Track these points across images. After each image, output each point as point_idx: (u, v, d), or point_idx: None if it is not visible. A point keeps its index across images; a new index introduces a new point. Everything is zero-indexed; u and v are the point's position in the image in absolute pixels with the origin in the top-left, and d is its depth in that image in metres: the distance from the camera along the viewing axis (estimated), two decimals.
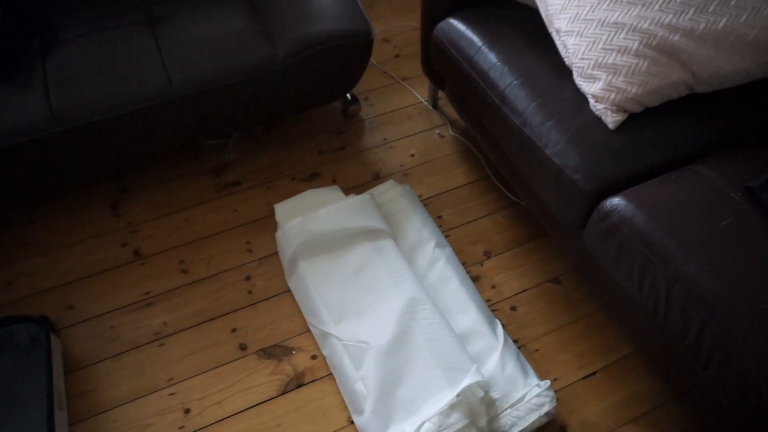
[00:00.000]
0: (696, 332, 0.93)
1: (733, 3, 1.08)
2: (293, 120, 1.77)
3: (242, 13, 1.45)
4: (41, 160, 1.31)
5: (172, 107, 1.34)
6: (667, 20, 1.09)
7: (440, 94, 1.80)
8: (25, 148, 1.25)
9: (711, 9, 1.08)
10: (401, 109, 1.82)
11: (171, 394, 1.25)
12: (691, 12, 1.08)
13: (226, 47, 1.38)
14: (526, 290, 1.42)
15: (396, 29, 2.05)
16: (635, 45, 1.10)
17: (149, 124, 1.36)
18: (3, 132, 1.22)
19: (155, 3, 1.47)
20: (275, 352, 1.31)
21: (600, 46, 1.12)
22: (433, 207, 1.57)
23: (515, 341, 1.32)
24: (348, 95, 1.76)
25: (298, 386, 1.26)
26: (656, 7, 1.10)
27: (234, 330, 1.34)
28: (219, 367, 1.29)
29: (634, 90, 1.10)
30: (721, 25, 1.07)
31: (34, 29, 1.38)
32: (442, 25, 1.42)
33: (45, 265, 1.45)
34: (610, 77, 1.11)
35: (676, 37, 1.08)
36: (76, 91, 1.29)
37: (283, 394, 1.25)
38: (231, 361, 1.29)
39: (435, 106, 1.82)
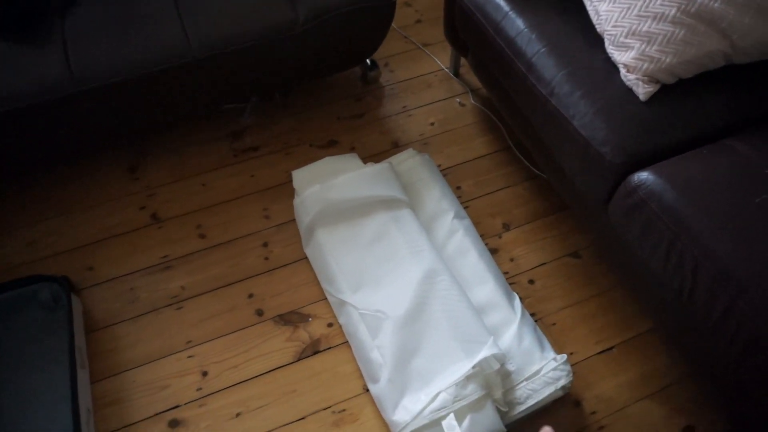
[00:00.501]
0: (723, 311, 0.91)
1: None
2: (312, 85, 1.73)
3: None
4: (60, 121, 1.30)
5: (191, 69, 1.32)
6: None
7: (462, 61, 1.76)
8: (44, 108, 1.24)
9: None
10: (422, 76, 1.77)
11: (189, 357, 1.26)
12: None
13: (245, 9, 1.34)
14: (544, 264, 1.40)
15: None
16: (672, 11, 1.05)
17: (167, 86, 1.34)
18: (22, 92, 1.21)
19: None
20: (292, 318, 1.31)
21: (635, 12, 1.07)
22: (452, 177, 1.55)
23: (532, 315, 1.31)
24: (368, 61, 1.72)
25: (314, 353, 1.27)
26: None
27: (251, 296, 1.35)
28: (236, 331, 1.30)
29: (668, 60, 1.05)
30: None
31: None
32: None
33: (65, 226, 1.46)
34: (643, 46, 1.07)
35: (716, 4, 1.03)
36: (94, 52, 1.27)
37: (298, 360, 1.26)
38: (248, 327, 1.30)
39: (456, 73, 1.77)
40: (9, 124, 1.24)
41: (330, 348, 1.28)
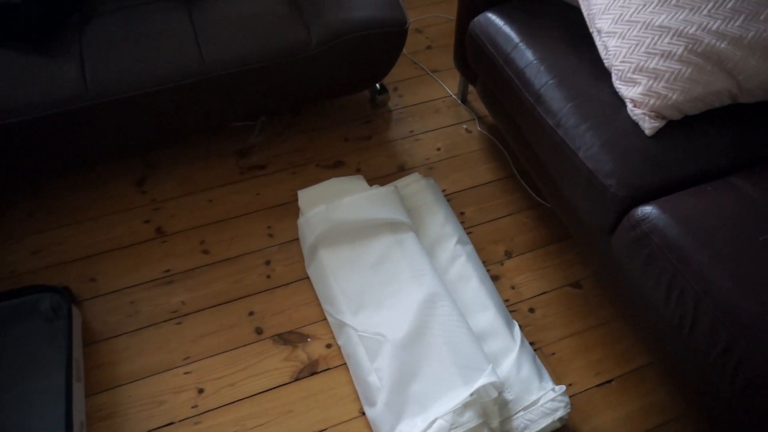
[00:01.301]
0: (723, 348, 0.90)
1: None
2: (321, 106, 1.76)
3: None
4: (72, 132, 1.32)
5: (203, 86, 1.34)
6: (715, 26, 1.05)
7: (470, 88, 1.78)
8: (58, 119, 1.26)
9: (762, 17, 1.04)
10: (430, 101, 1.80)
11: (186, 373, 1.26)
12: (741, 19, 1.05)
13: (260, 29, 1.37)
14: (545, 293, 1.40)
15: (429, 20, 2.03)
16: (680, 50, 1.06)
17: (180, 101, 1.36)
18: (38, 103, 1.23)
19: None
20: (291, 338, 1.31)
21: (643, 49, 1.09)
22: (456, 202, 1.56)
23: (532, 344, 1.30)
24: (377, 85, 1.74)
25: (312, 374, 1.26)
26: (704, 12, 1.06)
27: (251, 313, 1.35)
28: (234, 349, 1.29)
29: (675, 96, 1.07)
30: None
31: (72, 1, 1.39)
32: (479, 18, 1.40)
33: (70, 236, 1.46)
34: (650, 82, 1.08)
35: (723, 45, 1.05)
36: (110, 66, 1.29)
37: (296, 380, 1.25)
38: (246, 344, 1.30)
39: (464, 100, 1.80)
40: (23, 133, 1.25)
41: (328, 369, 1.27)
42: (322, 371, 1.27)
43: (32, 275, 1.39)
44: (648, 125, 1.10)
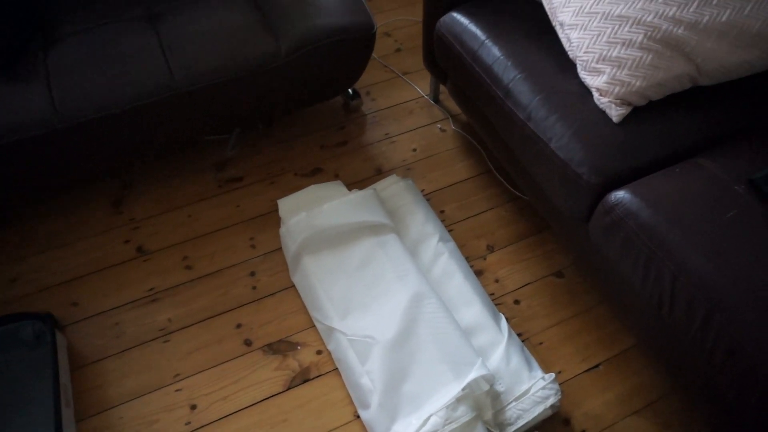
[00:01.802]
0: (701, 323, 0.93)
1: None
2: (295, 115, 1.76)
3: (244, 7, 1.45)
4: (44, 157, 1.31)
5: (175, 102, 1.34)
6: (671, 13, 1.09)
7: (442, 88, 1.80)
8: (28, 144, 1.25)
9: (715, 2, 1.08)
10: (403, 103, 1.81)
11: (177, 390, 1.25)
12: (694, 4, 1.08)
13: (228, 42, 1.37)
14: (529, 284, 1.42)
15: (397, 23, 2.05)
16: (639, 38, 1.10)
17: (152, 119, 1.36)
18: (5, 128, 1.22)
19: None
20: (280, 347, 1.31)
21: (604, 39, 1.12)
22: (435, 201, 1.57)
23: (519, 335, 1.32)
24: (349, 90, 1.75)
25: (304, 381, 1.27)
26: (660, 0, 1.10)
27: (239, 326, 1.34)
28: (224, 363, 1.29)
29: (638, 83, 1.10)
30: (725, 17, 1.07)
31: (35, 25, 1.37)
32: (444, 19, 1.42)
33: (48, 262, 1.44)
34: (614, 70, 1.11)
35: (680, 30, 1.08)
36: (78, 87, 1.28)
37: (288, 389, 1.25)
38: (236, 357, 1.30)
39: (436, 100, 1.82)
40: None
41: (320, 375, 1.27)
42: (314, 378, 1.27)
43: (12, 304, 1.37)
44: (615, 113, 1.13)
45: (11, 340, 1.24)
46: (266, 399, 1.24)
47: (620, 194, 1.05)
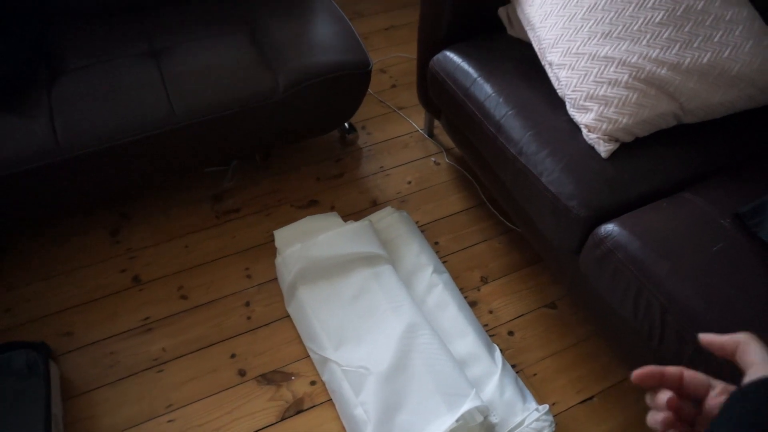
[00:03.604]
0: (690, 357, 0.95)
1: (716, 39, 1.14)
2: (292, 148, 1.80)
3: (244, 44, 1.50)
4: (45, 187, 1.32)
5: (175, 136, 1.37)
6: (654, 55, 1.14)
7: (436, 123, 1.85)
8: (30, 175, 1.26)
9: (696, 45, 1.13)
10: (398, 137, 1.86)
11: (170, 421, 1.24)
12: (676, 47, 1.14)
13: (227, 78, 1.41)
14: (522, 315, 1.44)
15: (392, 60, 2.11)
16: (625, 78, 1.14)
17: (152, 152, 1.38)
18: (8, 160, 1.24)
19: (158, 34, 1.51)
20: (274, 377, 1.31)
21: (591, 78, 1.17)
22: (430, 233, 1.60)
23: (513, 366, 1.33)
24: (346, 124, 1.79)
25: (298, 412, 1.26)
26: (644, 42, 1.15)
27: (233, 356, 1.34)
28: (218, 393, 1.29)
29: (624, 120, 1.14)
30: (705, 59, 1.12)
31: (40, 58, 1.41)
32: (438, 57, 1.47)
33: (44, 290, 1.45)
34: (601, 108, 1.16)
35: (663, 71, 1.13)
36: (80, 120, 1.31)
37: (282, 420, 1.25)
38: (230, 387, 1.29)
39: (431, 134, 1.86)
40: None
41: (314, 406, 1.27)
42: (308, 409, 1.27)
43: (5, 333, 1.37)
44: (603, 148, 1.16)
45: (4, 369, 1.24)
46: (260, 430, 1.23)
47: (609, 227, 1.07)
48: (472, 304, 1.44)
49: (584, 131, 1.19)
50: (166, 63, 1.43)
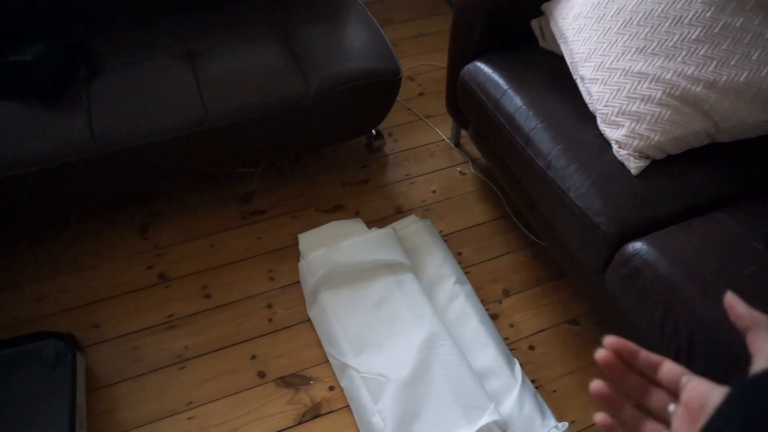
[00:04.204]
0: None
1: (754, 57, 1.12)
2: (319, 152, 1.81)
3: (277, 49, 1.52)
4: (79, 182, 1.36)
5: (207, 136, 1.40)
6: (689, 72, 1.12)
7: (463, 132, 1.85)
8: (67, 169, 1.30)
9: (733, 62, 1.11)
10: (424, 145, 1.86)
11: (189, 418, 1.26)
12: (713, 64, 1.12)
13: (260, 81, 1.44)
14: (544, 330, 1.42)
15: (421, 68, 2.12)
16: (658, 94, 1.13)
17: (184, 151, 1.41)
18: (47, 153, 1.28)
19: (194, 37, 1.54)
20: (293, 381, 1.32)
21: (624, 94, 1.16)
22: (453, 243, 1.59)
23: (533, 381, 1.32)
24: (373, 131, 1.81)
25: (315, 417, 1.27)
26: (679, 59, 1.14)
27: (253, 357, 1.36)
28: (237, 393, 1.30)
29: (656, 137, 1.13)
30: (742, 78, 1.10)
31: (80, 58, 1.46)
32: (469, 67, 1.47)
33: (75, 283, 1.48)
34: (633, 124, 1.14)
35: (698, 88, 1.11)
36: (116, 118, 1.35)
37: (299, 423, 1.25)
38: (249, 388, 1.31)
39: (457, 144, 1.86)
40: (32, 184, 1.29)
41: (331, 412, 1.27)
42: (325, 414, 1.27)
43: (36, 322, 1.41)
44: (633, 165, 1.15)
45: (33, 358, 1.27)
46: None
47: (638, 245, 1.06)
48: (494, 317, 1.43)
49: (615, 147, 1.18)
50: (201, 65, 1.46)
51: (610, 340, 0.43)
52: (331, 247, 1.41)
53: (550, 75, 1.36)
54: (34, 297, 1.45)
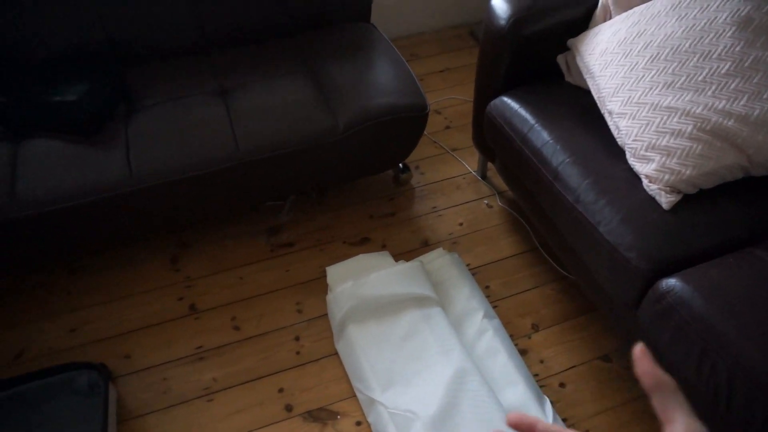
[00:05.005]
0: (762, 420, 0.89)
1: None
2: (347, 185, 1.84)
3: (306, 85, 1.56)
4: (115, 215, 1.40)
5: (239, 171, 1.43)
6: (720, 106, 1.11)
7: (489, 165, 1.85)
8: (104, 203, 1.35)
9: (765, 96, 1.10)
10: (451, 178, 1.87)
11: None
12: (744, 98, 1.11)
13: (290, 117, 1.47)
14: (575, 366, 1.39)
15: (447, 101, 2.14)
16: (689, 128, 1.12)
17: (216, 185, 1.45)
18: (87, 188, 1.33)
19: (227, 74, 1.60)
20: (320, 415, 1.31)
21: (653, 128, 1.16)
22: (480, 277, 1.58)
23: (564, 420, 1.28)
24: (400, 164, 1.83)
25: None
26: (709, 93, 1.13)
27: (281, 390, 1.36)
28: (264, 427, 1.30)
29: (688, 172, 1.12)
30: None
31: (119, 95, 1.52)
32: (495, 102, 1.49)
33: (106, 313, 1.52)
34: (663, 159, 1.13)
35: (730, 123, 1.10)
36: (153, 153, 1.39)
37: None
38: (276, 422, 1.30)
39: (484, 176, 1.87)
40: (71, 217, 1.34)
41: None
42: None
43: (69, 352, 1.44)
44: (665, 200, 1.14)
45: (66, 387, 1.29)
46: None
47: (671, 282, 1.04)
48: (523, 352, 1.41)
49: (645, 182, 1.17)
50: (233, 102, 1.51)
51: (510, 418, 0.42)
52: (359, 280, 1.42)
53: (577, 110, 1.37)
54: (67, 327, 1.49)
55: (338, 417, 1.31)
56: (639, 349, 0.39)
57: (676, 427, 0.36)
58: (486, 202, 1.79)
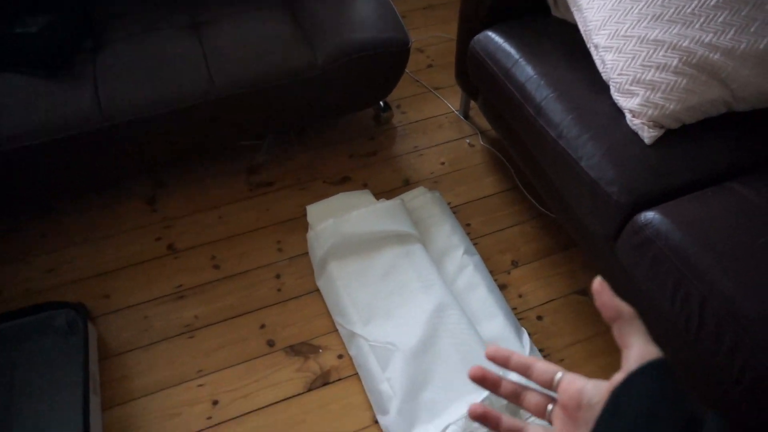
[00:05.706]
0: (729, 349, 0.93)
1: None
2: (326, 124, 1.80)
3: (284, 20, 1.50)
4: (86, 154, 1.36)
5: (214, 107, 1.39)
6: (707, 39, 1.10)
7: (472, 104, 1.82)
8: (74, 141, 1.30)
9: (753, 29, 1.09)
10: (433, 117, 1.84)
11: (200, 386, 1.28)
12: (732, 32, 1.09)
13: (267, 52, 1.42)
14: (552, 300, 1.42)
15: (430, 40, 2.08)
16: (674, 62, 1.11)
17: (190, 122, 1.40)
18: (54, 126, 1.27)
19: (200, 8, 1.52)
20: (302, 349, 1.33)
21: (638, 62, 1.14)
22: (461, 215, 1.59)
23: (541, 350, 1.32)
24: (381, 102, 1.79)
25: (324, 384, 1.28)
26: (696, 26, 1.11)
27: (263, 326, 1.37)
28: (247, 361, 1.31)
29: (671, 106, 1.11)
30: (762, 45, 1.08)
31: (86, 29, 1.44)
32: (479, 37, 1.44)
33: (84, 254, 1.49)
34: (647, 93, 1.12)
35: (716, 56, 1.09)
36: (123, 89, 1.33)
37: (308, 391, 1.27)
38: (259, 357, 1.32)
39: (466, 116, 1.84)
40: (39, 156, 1.29)
41: (340, 379, 1.29)
42: (334, 381, 1.28)
43: (47, 293, 1.42)
44: (647, 134, 1.13)
45: (45, 327, 1.29)
46: (286, 399, 1.26)
47: (650, 215, 1.05)
48: (502, 287, 1.43)
49: (628, 116, 1.16)
50: (207, 36, 1.44)
51: (488, 351, 0.44)
52: (340, 218, 1.41)
53: (563, 44, 1.34)
54: (44, 268, 1.46)
55: (320, 351, 1.33)
56: (598, 282, 0.39)
57: (633, 351, 0.37)
58: (468, 141, 1.78)
